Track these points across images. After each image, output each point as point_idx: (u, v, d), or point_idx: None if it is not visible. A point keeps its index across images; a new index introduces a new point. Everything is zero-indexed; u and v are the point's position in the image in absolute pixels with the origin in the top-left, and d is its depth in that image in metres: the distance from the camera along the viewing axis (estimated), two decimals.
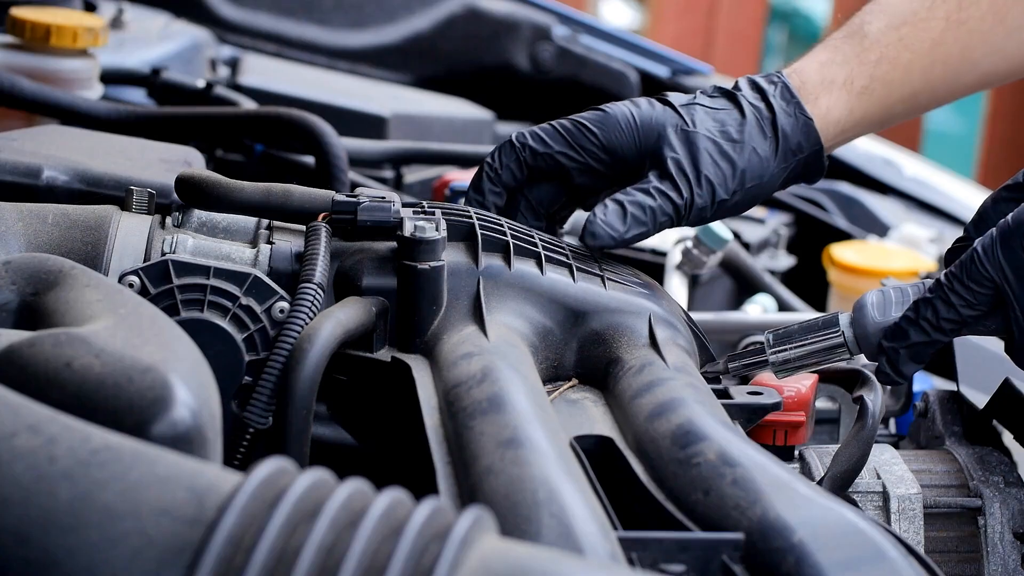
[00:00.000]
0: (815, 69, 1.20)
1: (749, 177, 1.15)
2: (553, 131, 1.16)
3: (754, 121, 1.16)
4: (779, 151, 1.16)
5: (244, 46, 2.33)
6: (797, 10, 7.69)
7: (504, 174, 1.16)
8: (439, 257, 1.02)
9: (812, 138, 1.17)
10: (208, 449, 0.75)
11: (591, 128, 1.15)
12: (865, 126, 1.23)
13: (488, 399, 0.90)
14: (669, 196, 1.12)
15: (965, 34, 1.21)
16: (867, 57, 1.20)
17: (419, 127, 2.01)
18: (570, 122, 1.16)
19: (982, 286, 1.01)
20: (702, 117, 1.16)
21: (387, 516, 0.62)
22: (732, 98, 1.18)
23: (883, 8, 1.22)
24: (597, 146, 1.15)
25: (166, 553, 0.60)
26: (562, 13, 2.49)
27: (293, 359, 0.94)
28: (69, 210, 1.03)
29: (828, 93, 1.19)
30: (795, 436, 1.11)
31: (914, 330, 1.04)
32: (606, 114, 1.16)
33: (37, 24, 1.60)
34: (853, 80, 1.19)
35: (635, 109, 1.16)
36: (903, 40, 1.20)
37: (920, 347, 1.04)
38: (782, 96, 1.18)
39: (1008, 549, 1.11)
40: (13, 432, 0.64)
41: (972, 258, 1.01)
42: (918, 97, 1.23)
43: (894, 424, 1.33)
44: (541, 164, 1.16)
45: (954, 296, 1.02)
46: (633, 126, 1.15)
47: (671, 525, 0.86)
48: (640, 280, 1.11)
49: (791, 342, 1.10)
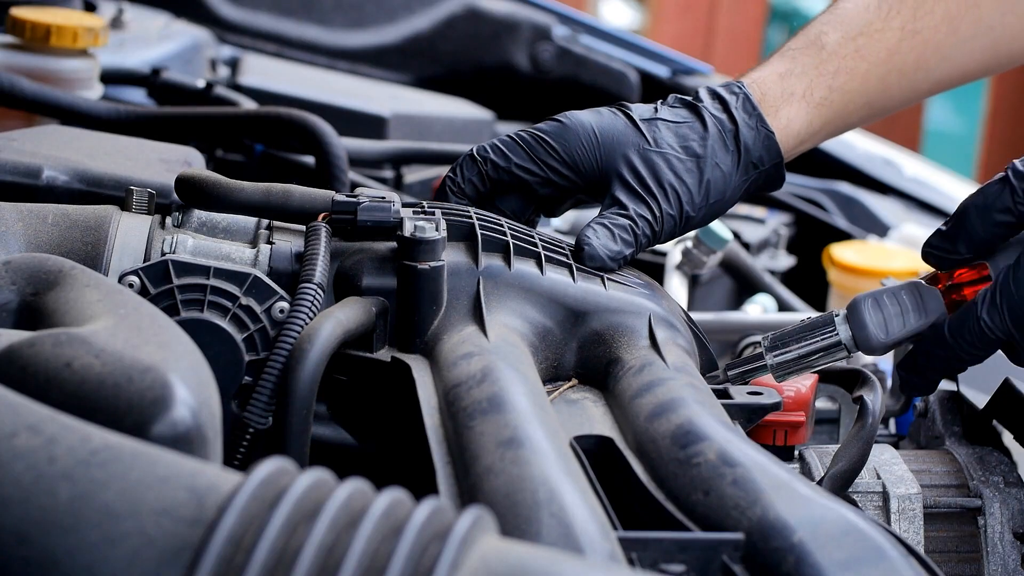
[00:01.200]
0: (775, 80, 1.21)
1: (713, 192, 1.16)
2: (513, 144, 1.16)
3: (716, 134, 1.16)
4: (740, 164, 1.17)
5: (244, 46, 2.33)
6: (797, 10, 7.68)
7: (467, 187, 1.16)
8: (439, 257, 1.02)
9: (773, 152, 1.18)
10: (208, 449, 0.75)
11: (550, 142, 1.15)
12: (822, 136, 1.24)
13: (488, 399, 0.90)
14: (646, 218, 1.13)
15: (920, 44, 1.22)
16: (825, 68, 1.21)
17: (419, 127, 2.01)
18: (529, 135, 1.16)
19: (987, 343, 1.08)
20: (664, 133, 1.16)
21: (387, 516, 0.62)
22: (694, 109, 1.18)
23: (839, 19, 1.23)
24: (557, 159, 1.15)
25: (166, 553, 0.60)
26: (562, 13, 2.49)
27: (293, 359, 0.94)
28: (69, 210, 1.03)
29: (788, 105, 1.20)
30: (795, 436, 1.11)
31: (920, 377, 1.12)
32: (565, 126, 1.16)
33: (37, 24, 1.60)
34: (812, 91, 1.20)
35: (596, 121, 1.16)
36: (860, 51, 1.22)
37: (933, 379, 1.12)
38: (744, 108, 1.18)
39: (1008, 549, 1.11)
40: (13, 432, 0.64)
41: (975, 321, 1.07)
42: (873, 105, 1.24)
43: (894, 424, 1.33)
44: (504, 178, 1.16)
45: (959, 346, 1.09)
46: (594, 140, 1.15)
47: (671, 525, 0.86)
48: (640, 280, 1.11)
49: (788, 345, 1.11)
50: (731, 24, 7.02)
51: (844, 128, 1.25)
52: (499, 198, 1.18)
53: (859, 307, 1.10)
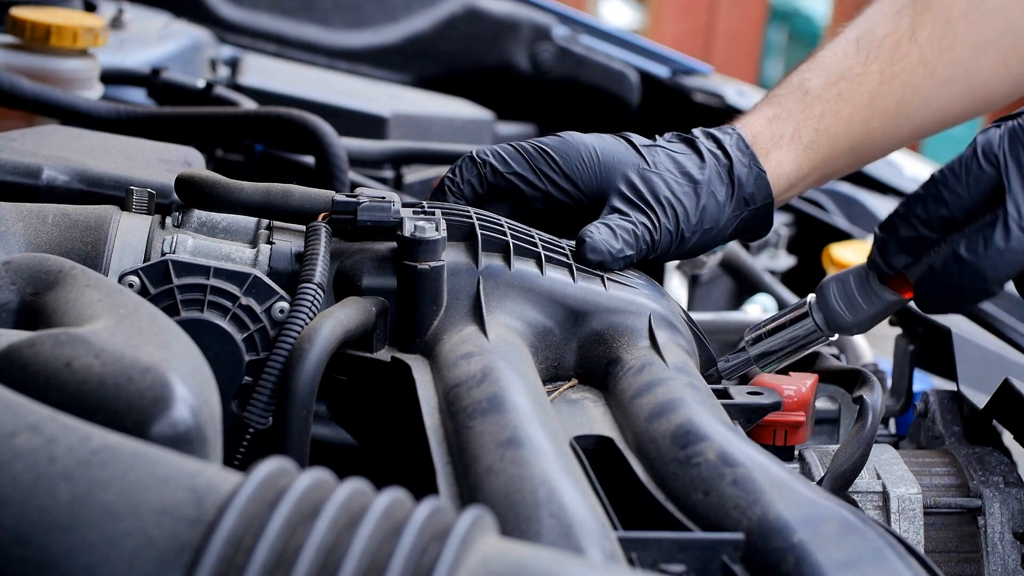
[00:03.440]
0: (763, 124, 1.23)
1: (707, 219, 1.17)
2: (515, 152, 1.17)
3: (713, 166, 1.19)
4: (734, 198, 1.19)
5: (244, 46, 2.33)
6: (797, 10, 7.69)
7: (465, 188, 1.17)
8: (439, 257, 1.02)
9: (764, 191, 1.20)
10: (208, 449, 0.75)
11: (552, 154, 1.16)
12: (810, 181, 1.26)
13: (488, 399, 0.90)
14: (647, 226, 1.14)
15: (899, 87, 1.24)
16: (811, 112, 1.23)
17: (419, 127, 2.01)
18: (531, 145, 1.17)
19: (979, 181, 1.04)
20: (663, 158, 1.18)
21: (387, 516, 0.62)
22: (691, 144, 1.20)
23: (820, 65, 1.26)
24: (557, 172, 1.16)
25: (166, 553, 0.60)
26: (562, 13, 2.49)
27: (293, 359, 0.94)
28: (69, 210, 1.04)
29: (778, 148, 1.22)
30: (795, 436, 1.11)
31: (904, 225, 1.07)
32: (567, 142, 1.17)
33: (37, 24, 1.60)
34: (800, 134, 1.22)
35: (597, 141, 1.18)
36: (842, 95, 1.24)
37: (909, 241, 1.08)
38: (738, 147, 1.20)
39: (1008, 549, 1.11)
40: (13, 432, 0.64)
41: (972, 153, 1.04)
42: (858, 151, 1.26)
43: (894, 424, 1.33)
44: (500, 183, 1.17)
45: (946, 192, 1.05)
46: (595, 156, 1.16)
47: (671, 525, 0.86)
48: (640, 280, 1.11)
49: (768, 336, 1.13)
50: (731, 24, 7.02)
51: (831, 175, 1.27)
52: (493, 205, 1.18)
53: (825, 290, 1.13)
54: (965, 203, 1.04)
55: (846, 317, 1.12)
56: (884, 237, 1.09)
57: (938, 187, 1.05)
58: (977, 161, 1.03)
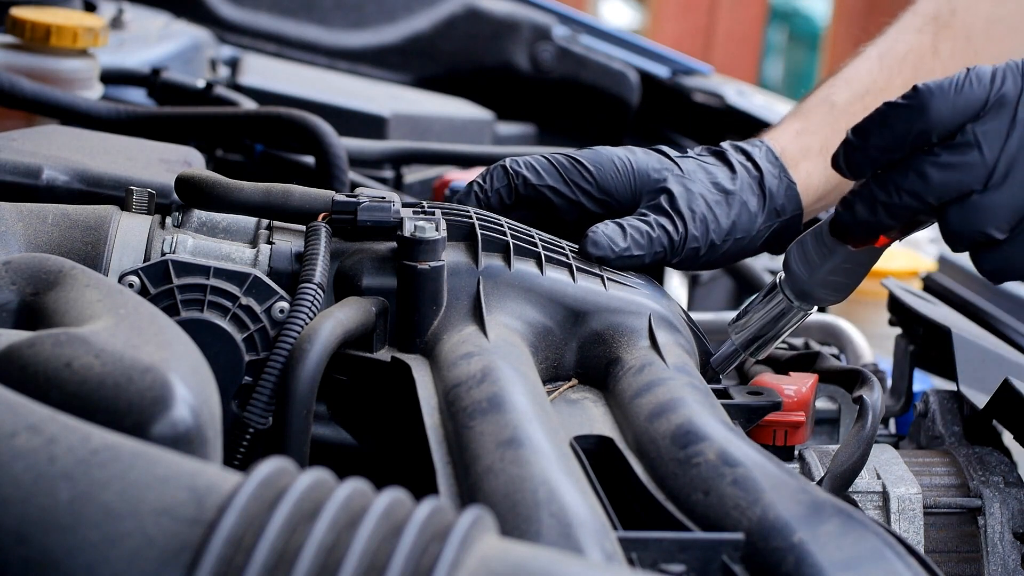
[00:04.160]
0: (791, 137, 1.24)
1: (739, 228, 1.18)
2: (548, 165, 1.18)
3: (744, 177, 1.19)
4: (765, 209, 1.19)
5: (244, 46, 2.33)
6: (797, 10, 7.69)
7: (492, 197, 1.17)
8: (439, 257, 1.02)
9: (794, 202, 1.20)
10: (208, 449, 0.75)
11: (587, 166, 1.17)
12: (839, 193, 1.25)
13: (488, 399, 0.90)
14: (666, 228, 1.14)
15: None
16: (838, 125, 1.24)
17: (419, 127, 2.01)
18: (565, 158, 1.18)
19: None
20: (694, 168, 1.19)
21: (387, 516, 0.62)
22: (721, 156, 1.21)
23: (845, 81, 1.27)
24: (591, 184, 1.17)
25: (166, 553, 0.60)
26: (562, 13, 2.49)
27: (293, 359, 0.94)
28: (69, 210, 1.03)
29: (806, 159, 1.23)
30: (795, 436, 1.11)
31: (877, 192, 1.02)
32: (601, 154, 1.18)
33: (37, 24, 1.60)
34: (828, 147, 1.22)
35: (630, 154, 1.18)
36: (868, 108, 1.23)
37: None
38: (767, 159, 1.21)
39: (1008, 549, 1.11)
40: (13, 432, 0.64)
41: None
42: None
43: (894, 424, 1.33)
44: (531, 194, 1.17)
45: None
46: (629, 168, 1.17)
47: (671, 525, 0.86)
48: (640, 280, 1.11)
49: (747, 321, 1.12)
50: (731, 24, 7.03)
51: None
52: (518, 213, 1.18)
53: (787, 257, 1.10)
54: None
55: (804, 277, 1.08)
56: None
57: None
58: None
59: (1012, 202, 0.98)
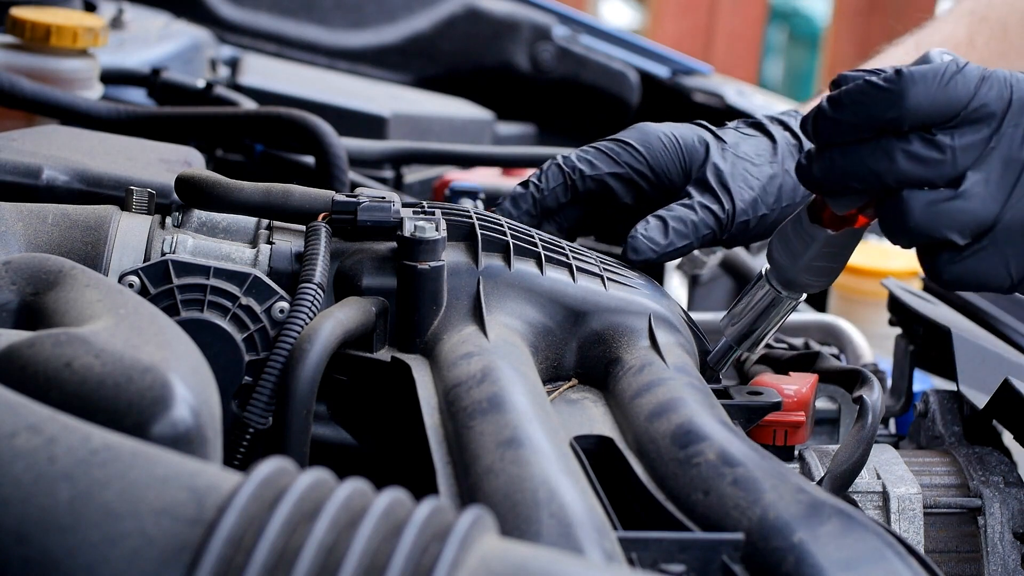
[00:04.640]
0: None
1: (784, 196, 1.19)
2: (599, 153, 1.19)
3: (785, 146, 1.21)
4: None
5: (244, 46, 2.33)
6: (797, 10, 7.69)
7: (549, 198, 1.18)
8: (439, 257, 1.02)
9: None
10: (208, 449, 0.75)
11: (636, 147, 1.19)
12: None
13: (488, 399, 0.90)
14: (711, 209, 1.15)
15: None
16: None
17: (419, 127, 2.01)
18: (614, 142, 1.19)
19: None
20: (737, 139, 1.20)
21: (387, 516, 0.62)
22: (760, 127, 1.23)
23: (881, 62, 1.29)
24: (643, 164, 1.18)
25: (166, 553, 0.60)
26: (562, 13, 2.49)
27: (293, 359, 0.94)
28: (69, 210, 1.03)
29: None
30: (795, 436, 1.11)
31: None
32: (646, 132, 1.19)
33: (37, 24, 1.60)
34: None
35: (675, 129, 1.20)
36: None
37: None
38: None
39: (1008, 549, 1.11)
40: (13, 432, 0.64)
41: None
42: None
43: (894, 424, 1.33)
44: (590, 187, 1.18)
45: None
46: (676, 143, 1.19)
47: (671, 525, 0.86)
48: (641, 280, 1.11)
49: (738, 316, 1.12)
50: (731, 24, 7.02)
51: None
52: (572, 210, 1.19)
53: (770, 247, 1.09)
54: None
55: (788, 265, 1.07)
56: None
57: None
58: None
59: (976, 211, 0.95)
